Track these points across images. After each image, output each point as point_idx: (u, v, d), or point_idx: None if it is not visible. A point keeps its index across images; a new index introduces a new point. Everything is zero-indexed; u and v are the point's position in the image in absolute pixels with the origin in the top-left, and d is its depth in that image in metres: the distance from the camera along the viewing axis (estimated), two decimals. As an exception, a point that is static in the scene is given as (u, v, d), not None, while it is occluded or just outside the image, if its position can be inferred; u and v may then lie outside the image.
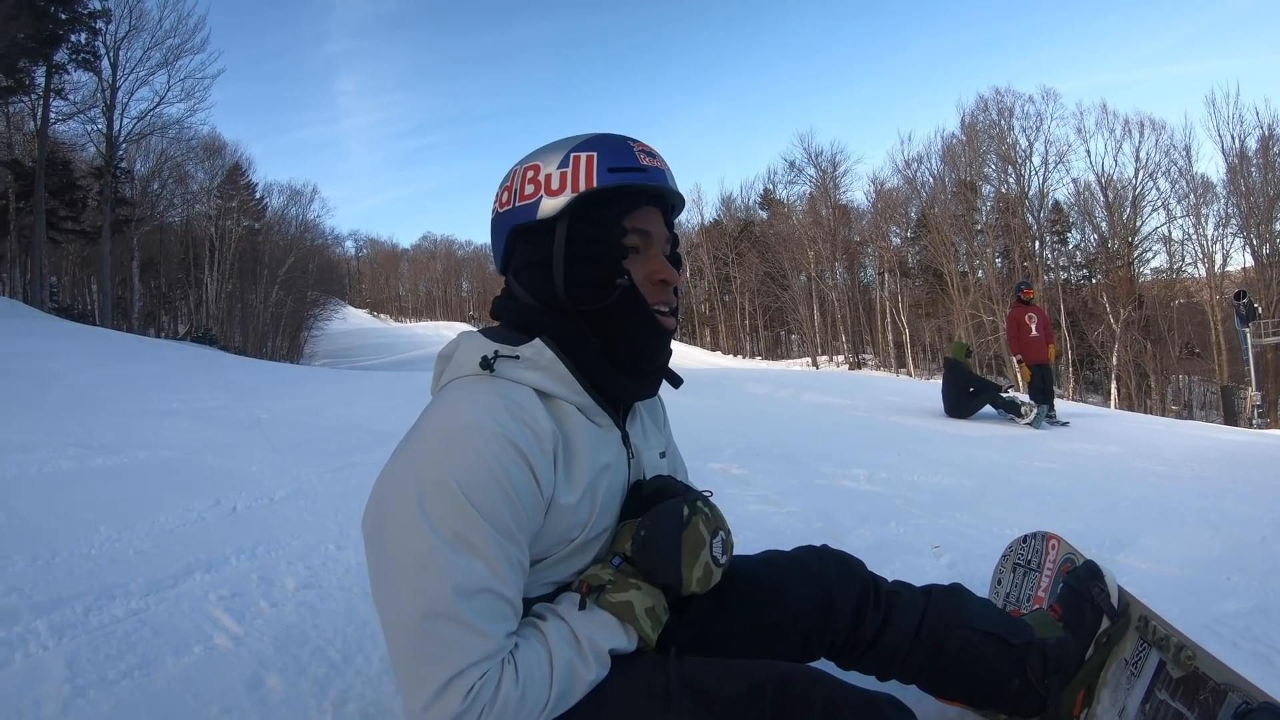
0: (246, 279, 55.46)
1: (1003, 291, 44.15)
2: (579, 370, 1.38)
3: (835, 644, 1.68)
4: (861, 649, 1.69)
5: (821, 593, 1.66)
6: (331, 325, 74.91)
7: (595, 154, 1.39)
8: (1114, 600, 1.89)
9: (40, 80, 39.73)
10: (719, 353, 66.49)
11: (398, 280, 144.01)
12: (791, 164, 63.25)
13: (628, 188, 1.38)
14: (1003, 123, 49.09)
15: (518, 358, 1.34)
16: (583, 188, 1.37)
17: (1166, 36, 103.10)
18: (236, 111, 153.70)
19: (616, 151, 1.40)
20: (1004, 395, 11.00)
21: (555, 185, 1.38)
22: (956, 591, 1.79)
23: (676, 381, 1.61)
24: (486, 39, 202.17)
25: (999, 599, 2.34)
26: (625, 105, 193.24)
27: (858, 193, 71.27)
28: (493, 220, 1.50)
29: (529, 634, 1.25)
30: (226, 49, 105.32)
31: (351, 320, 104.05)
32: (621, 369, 1.42)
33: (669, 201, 1.48)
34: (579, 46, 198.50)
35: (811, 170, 61.54)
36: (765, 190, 67.79)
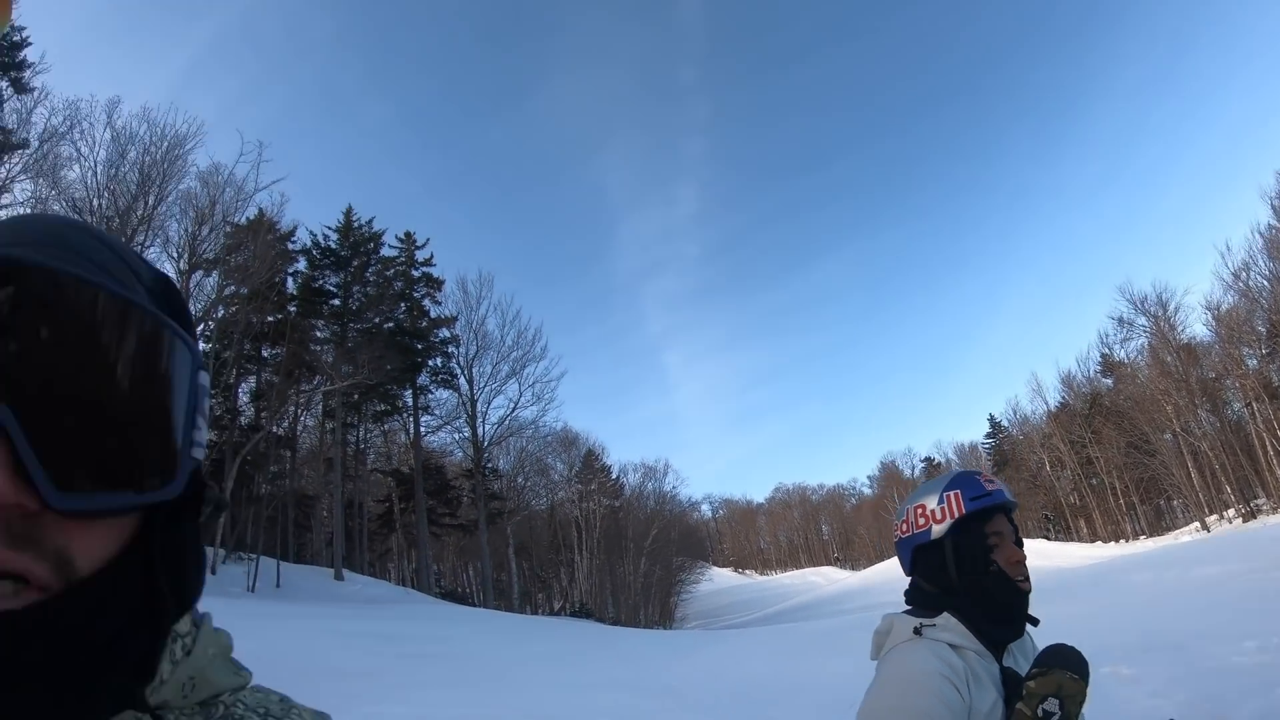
0: (613, 553, 58.19)
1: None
2: (971, 629, 2.11)
3: None
4: None
5: None
6: (699, 587, 75.98)
7: (960, 490, 2.21)
8: None
9: (409, 401, 47.53)
10: (1098, 542, 60.78)
11: (757, 534, 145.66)
12: (1120, 320, 59.03)
13: (984, 509, 2.18)
14: (1316, 191, 43.51)
15: (935, 625, 2.11)
16: (956, 515, 2.19)
17: None
18: (582, 402, 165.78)
19: (971, 485, 2.22)
20: None
21: (938, 516, 2.23)
22: None
23: (1035, 622, 2.26)
24: (791, 287, 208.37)
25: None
26: (941, 313, 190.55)
27: (1196, 325, 65.29)
28: (898, 541, 2.36)
29: None
30: (565, 351, 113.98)
31: (717, 580, 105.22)
32: (997, 624, 2.14)
33: (1008, 507, 2.23)
34: (881, 265, 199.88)
35: (1142, 320, 57.14)
36: (1102, 356, 63.82)
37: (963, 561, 2.17)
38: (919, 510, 2.28)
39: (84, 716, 0.55)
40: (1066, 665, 1.98)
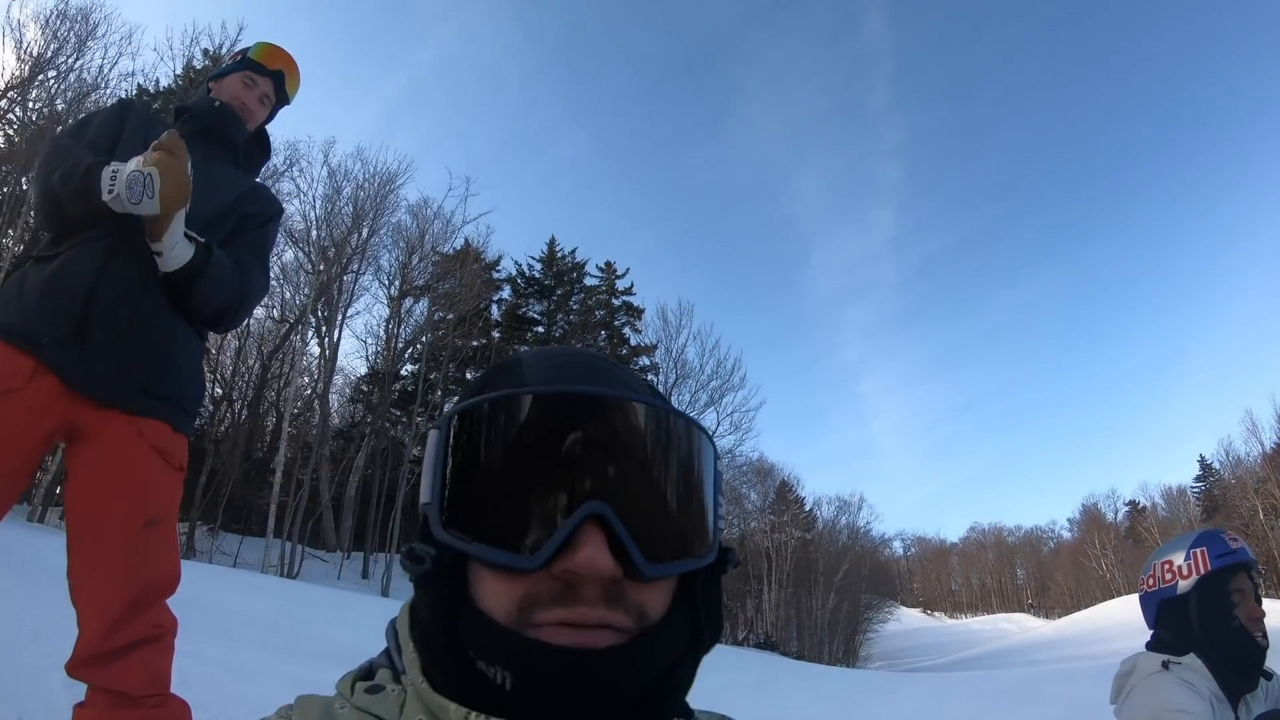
0: (801, 586, 57.68)
1: None
2: (1213, 675, 2.38)
3: None
4: None
5: None
6: (886, 627, 74.40)
7: (1206, 548, 2.49)
8: None
9: None
10: (1328, 596, 55.64)
11: (948, 575, 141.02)
12: None
13: (1228, 566, 2.47)
14: None
15: (1181, 664, 2.41)
16: (1203, 571, 2.46)
17: None
18: (775, 428, 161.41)
19: (1217, 543, 2.50)
20: None
21: (1185, 572, 2.50)
22: None
23: (1270, 675, 2.52)
24: (992, 312, 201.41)
25: None
26: (1150, 341, 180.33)
27: None
28: (1143, 595, 2.66)
29: None
30: (759, 378, 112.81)
31: (905, 620, 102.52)
32: (1235, 675, 2.43)
33: (1250, 565, 2.51)
34: (1086, 288, 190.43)
35: None
36: None
37: (1206, 616, 2.44)
38: (1166, 566, 2.57)
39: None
40: None
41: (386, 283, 39.38)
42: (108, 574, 2.24)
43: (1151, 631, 2.63)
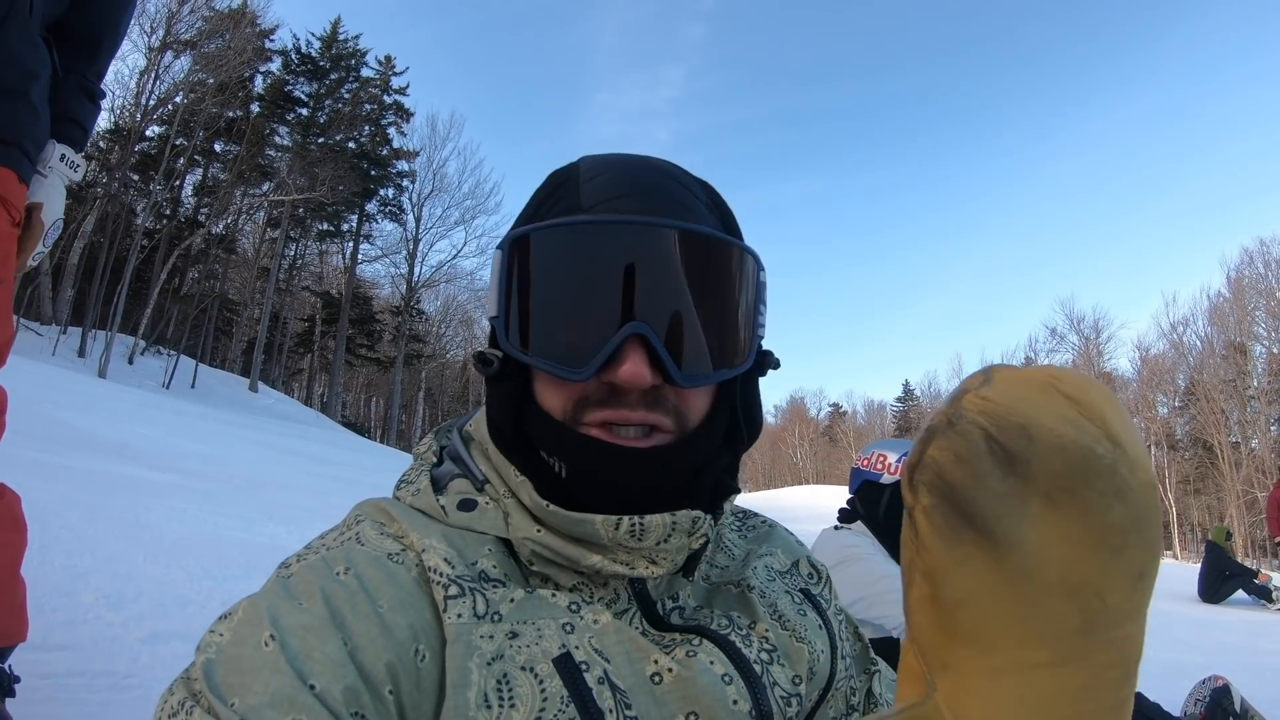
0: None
1: (1278, 464, 40.38)
2: (880, 541, 3.16)
3: None
4: None
5: None
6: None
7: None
8: (1237, 706, 3.26)
9: (353, 226, 46.86)
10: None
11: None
12: (1053, 331, 59.09)
13: None
14: (1270, 276, 44.22)
15: (849, 529, 3.27)
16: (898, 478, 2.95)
17: None
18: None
19: None
20: (1256, 582, 11.45)
21: (894, 469, 3.18)
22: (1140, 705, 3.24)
23: None
24: (750, 198, 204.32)
25: (1189, 722, 3.70)
26: (889, 265, 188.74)
27: (1122, 360, 65.80)
28: (855, 469, 3.34)
29: None
30: (517, 209, 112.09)
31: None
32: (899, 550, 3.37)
33: None
34: (842, 200, 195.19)
35: (1074, 338, 57.53)
36: (1026, 359, 61.85)
37: (891, 507, 3.13)
38: (880, 458, 3.26)
39: (692, 502, 0.87)
40: None
41: (149, 30, 35.71)
42: None
43: (849, 497, 3.38)
